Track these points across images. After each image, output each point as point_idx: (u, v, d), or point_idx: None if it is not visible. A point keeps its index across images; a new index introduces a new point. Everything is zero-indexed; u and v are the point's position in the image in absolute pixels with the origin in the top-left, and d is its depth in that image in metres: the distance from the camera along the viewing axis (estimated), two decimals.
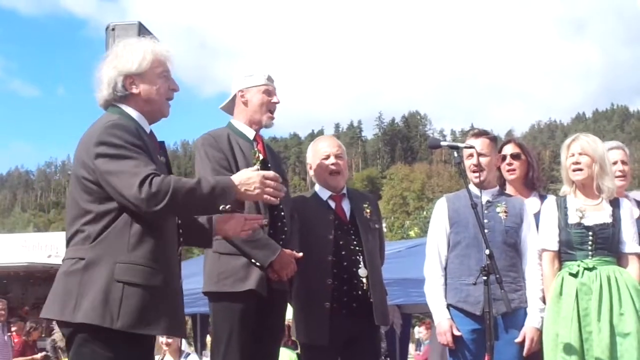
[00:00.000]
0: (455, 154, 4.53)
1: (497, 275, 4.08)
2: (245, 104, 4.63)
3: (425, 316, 13.76)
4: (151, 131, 3.53)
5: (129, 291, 3.14)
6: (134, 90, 3.42)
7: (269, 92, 4.64)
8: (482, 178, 4.75)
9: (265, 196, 3.39)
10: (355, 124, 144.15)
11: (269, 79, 4.66)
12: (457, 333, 4.69)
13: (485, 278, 4.19)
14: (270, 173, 3.42)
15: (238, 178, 3.35)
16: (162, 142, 3.64)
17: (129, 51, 3.44)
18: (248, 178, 3.34)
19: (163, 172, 3.33)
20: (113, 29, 6.15)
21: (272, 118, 4.67)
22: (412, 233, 43.47)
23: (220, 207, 3.32)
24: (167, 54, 3.54)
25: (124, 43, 3.55)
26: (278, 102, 4.68)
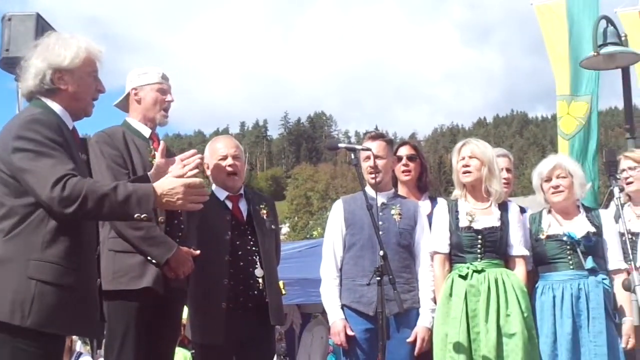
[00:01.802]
0: (353, 156, 4.59)
1: (391, 276, 4.15)
2: (139, 102, 4.57)
3: (324, 316, 13.85)
4: (74, 127, 3.45)
5: (42, 289, 3.07)
6: (62, 86, 3.34)
7: (163, 91, 4.59)
8: (378, 180, 4.83)
9: (189, 205, 3.33)
10: (261, 123, 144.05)
11: (164, 77, 4.62)
12: (350, 333, 4.75)
13: (379, 279, 4.26)
14: (196, 181, 3.33)
15: (160, 188, 3.25)
16: (84, 139, 3.56)
17: (62, 45, 3.36)
18: (171, 189, 3.24)
19: (83, 170, 3.27)
20: (9, 19, 5.97)
21: (166, 116, 4.63)
22: (315, 233, 43.65)
23: (135, 216, 3.22)
24: (99, 54, 3.48)
25: (57, 36, 3.46)
26: (172, 101, 4.63)
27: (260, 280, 4.72)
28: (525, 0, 9.10)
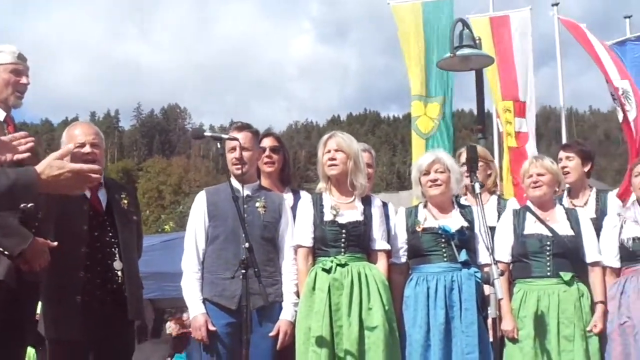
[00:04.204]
0: (218, 145, 4.51)
1: (256, 269, 4.11)
2: None
3: (177, 311, 13.64)
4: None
5: None
6: None
7: (18, 72, 4.35)
8: (243, 171, 4.77)
9: (75, 190, 3.09)
10: (113, 114, 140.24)
11: (20, 57, 4.37)
12: (212, 328, 4.67)
13: (243, 272, 4.21)
14: (84, 167, 2.98)
15: (45, 174, 2.89)
16: None
17: None
18: (57, 175, 2.88)
19: None
20: None
21: (20, 98, 4.38)
22: (167, 227, 42.88)
23: (22, 205, 2.96)
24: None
25: None
26: (28, 84, 4.39)
27: (119, 273, 4.57)
28: None
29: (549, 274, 4.96)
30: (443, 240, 4.91)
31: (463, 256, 4.84)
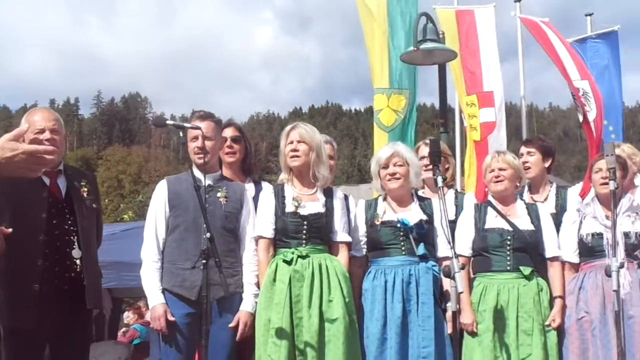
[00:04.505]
0: (181, 134, 4.47)
1: (217, 260, 4.08)
2: None
3: (135, 300, 13.55)
4: None
5: None
6: None
7: None
8: (205, 160, 4.72)
9: (30, 173, 2.97)
10: (72, 101, 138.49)
11: None
12: (171, 318, 4.63)
13: (204, 262, 4.17)
14: (39, 148, 2.90)
15: None
16: None
17: None
18: (10, 157, 2.75)
19: None
20: None
21: None
22: (126, 217, 42.57)
23: None
24: None
25: None
26: None
27: (77, 261, 4.49)
28: None
29: (509, 268, 4.99)
30: (402, 233, 4.92)
31: (421, 250, 4.86)
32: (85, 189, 4.72)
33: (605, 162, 4.81)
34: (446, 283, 4.77)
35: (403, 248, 4.90)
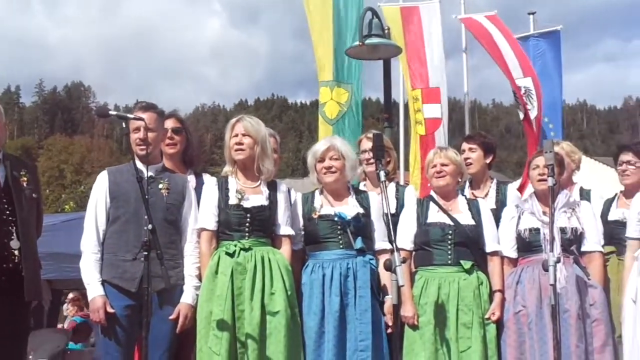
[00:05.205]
0: (123, 125, 4.42)
1: (158, 252, 4.05)
2: None
3: (76, 293, 13.34)
4: None
5: None
6: None
7: None
8: (148, 152, 4.69)
9: None
10: (13, 89, 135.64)
11: None
12: (110, 310, 4.58)
13: (145, 254, 4.14)
14: None
15: None
16: None
17: None
18: None
19: None
20: None
21: None
22: (67, 207, 41.86)
23: None
24: None
25: None
26: None
27: (16, 252, 4.41)
28: None
29: (450, 262, 5.05)
30: (339, 227, 4.94)
31: (359, 244, 4.89)
32: (25, 179, 4.63)
33: (544, 158, 4.91)
34: (385, 276, 4.81)
35: (341, 242, 4.92)
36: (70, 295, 12.48)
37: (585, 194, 5.98)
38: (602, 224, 5.55)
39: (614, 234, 5.60)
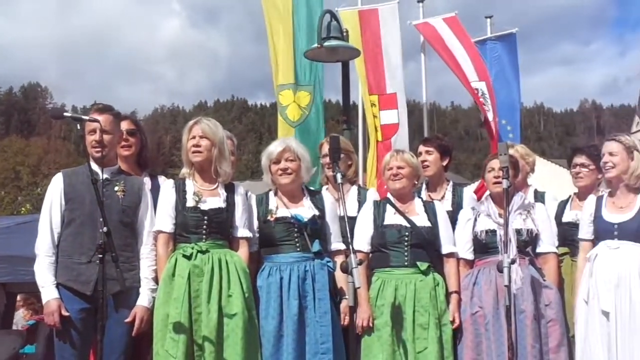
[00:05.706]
0: (78, 127, 4.39)
1: (114, 254, 4.02)
2: None
3: (30, 296, 13.16)
4: None
5: None
6: None
7: None
8: (103, 154, 4.65)
9: None
10: None
11: None
12: (65, 313, 4.55)
13: (100, 256, 4.12)
14: None
15: None
16: None
17: None
18: None
19: None
20: None
21: None
22: (24, 209, 41.35)
23: None
24: None
25: None
26: None
27: None
28: None
29: (406, 263, 5.09)
30: (296, 230, 4.94)
31: (316, 246, 4.89)
32: None
33: (498, 161, 4.97)
34: (342, 278, 4.82)
35: (297, 244, 4.92)
36: (19, 297, 12.29)
37: (539, 196, 6.06)
38: (557, 226, 5.64)
39: (568, 235, 5.68)
